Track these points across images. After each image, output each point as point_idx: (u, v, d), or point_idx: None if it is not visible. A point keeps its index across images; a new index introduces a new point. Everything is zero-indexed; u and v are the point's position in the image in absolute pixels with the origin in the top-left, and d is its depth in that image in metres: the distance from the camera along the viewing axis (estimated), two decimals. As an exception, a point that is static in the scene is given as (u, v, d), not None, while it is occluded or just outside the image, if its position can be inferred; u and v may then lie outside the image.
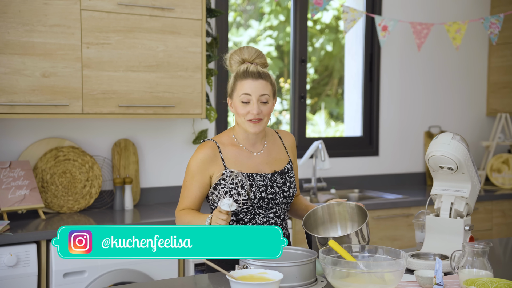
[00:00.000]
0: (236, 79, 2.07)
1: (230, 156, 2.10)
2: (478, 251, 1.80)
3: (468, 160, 2.07)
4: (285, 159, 2.19)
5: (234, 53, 2.09)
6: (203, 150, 2.09)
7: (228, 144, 2.12)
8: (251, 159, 2.12)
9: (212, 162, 2.07)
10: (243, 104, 2.05)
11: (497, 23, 3.93)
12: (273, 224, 2.10)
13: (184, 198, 2.10)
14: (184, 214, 2.08)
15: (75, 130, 3.30)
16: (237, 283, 1.57)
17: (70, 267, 2.68)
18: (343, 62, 4.59)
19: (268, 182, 2.08)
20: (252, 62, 2.08)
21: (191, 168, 2.08)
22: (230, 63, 2.11)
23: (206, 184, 2.09)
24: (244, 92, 2.05)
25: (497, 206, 4.04)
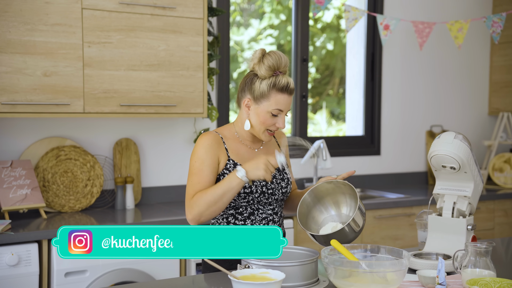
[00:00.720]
0: (273, 89, 2.00)
1: (233, 149, 2.09)
2: (481, 250, 1.80)
3: (470, 159, 2.06)
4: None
5: (269, 56, 2.01)
6: (208, 136, 2.05)
7: (230, 138, 2.11)
8: (252, 154, 2.12)
9: (218, 148, 2.05)
10: (272, 116, 2.03)
11: (499, 22, 3.92)
12: (271, 220, 2.10)
13: (195, 184, 2.00)
14: (200, 193, 1.97)
15: (77, 129, 3.30)
16: (239, 282, 1.57)
17: (71, 266, 2.68)
18: (344, 61, 4.58)
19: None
20: (282, 72, 2.04)
21: (198, 154, 2.02)
22: (260, 65, 2.02)
23: (216, 169, 2.03)
24: (279, 108, 2.02)
25: (499, 205, 4.04)
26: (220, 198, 1.95)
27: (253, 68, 2.05)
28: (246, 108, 2.07)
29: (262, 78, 2.02)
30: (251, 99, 2.04)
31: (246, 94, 2.06)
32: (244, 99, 2.07)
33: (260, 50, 2.04)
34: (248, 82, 2.05)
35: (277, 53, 2.03)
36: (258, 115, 2.03)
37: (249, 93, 2.05)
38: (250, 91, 2.04)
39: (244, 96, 2.07)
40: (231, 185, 1.94)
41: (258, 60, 2.03)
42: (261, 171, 1.90)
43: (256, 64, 2.03)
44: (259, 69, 2.02)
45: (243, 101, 2.07)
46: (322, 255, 1.78)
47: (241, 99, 2.08)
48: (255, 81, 2.03)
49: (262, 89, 2.01)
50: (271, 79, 2.01)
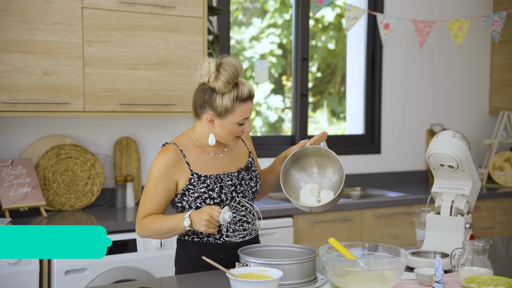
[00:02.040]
0: (236, 101, 1.91)
1: (195, 160, 2.01)
2: (478, 249, 1.80)
3: (468, 158, 2.07)
4: (246, 153, 2.14)
5: (224, 71, 1.89)
6: (166, 155, 1.97)
7: (191, 148, 2.03)
8: (216, 161, 2.05)
9: (177, 167, 1.97)
10: (238, 125, 1.96)
11: (499, 20, 3.92)
12: (245, 221, 2.04)
13: (146, 205, 1.98)
14: (150, 219, 1.96)
15: (77, 128, 3.30)
16: (236, 280, 1.57)
17: (71, 264, 2.69)
18: (345, 60, 4.58)
19: (236, 180, 2.02)
20: (238, 83, 1.94)
21: (154, 174, 1.96)
22: (217, 81, 1.90)
23: (172, 190, 1.98)
24: (245, 117, 1.95)
25: (499, 204, 4.04)
26: (165, 233, 1.96)
27: (209, 81, 1.93)
28: (209, 123, 1.97)
29: (222, 93, 1.92)
30: (214, 115, 1.95)
31: (207, 111, 1.95)
32: (206, 115, 1.96)
33: (213, 64, 1.91)
34: (207, 99, 1.93)
35: (231, 63, 1.90)
36: (225, 128, 1.95)
37: (210, 110, 1.94)
38: (211, 108, 1.94)
39: (205, 112, 1.96)
40: (176, 228, 1.92)
41: (215, 74, 1.90)
42: (203, 227, 1.85)
43: (213, 79, 1.91)
44: (216, 85, 1.91)
45: (205, 117, 1.97)
46: (320, 253, 1.79)
47: (201, 114, 1.98)
48: (214, 97, 1.92)
49: (225, 104, 1.92)
50: (232, 93, 1.91)
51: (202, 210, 1.87)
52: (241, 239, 2.03)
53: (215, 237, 2.01)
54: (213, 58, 1.94)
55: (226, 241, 2.02)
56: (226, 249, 2.01)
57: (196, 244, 2.03)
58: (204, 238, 2.02)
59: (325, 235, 3.38)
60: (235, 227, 2.01)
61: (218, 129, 1.97)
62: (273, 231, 3.20)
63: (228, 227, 1.99)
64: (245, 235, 2.03)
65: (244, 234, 2.03)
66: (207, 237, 2.02)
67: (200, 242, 2.02)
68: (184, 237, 2.07)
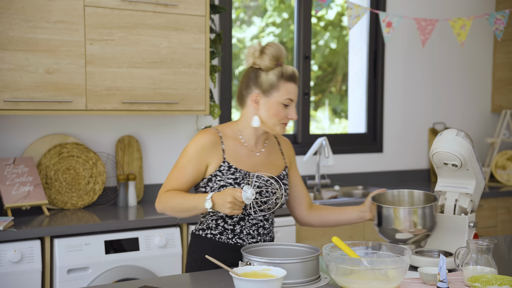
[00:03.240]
0: (281, 78, 1.96)
1: (231, 150, 2.01)
2: (483, 248, 1.80)
3: (472, 156, 2.06)
4: (282, 165, 2.13)
5: (270, 47, 1.96)
6: (205, 136, 1.99)
7: (231, 137, 2.04)
8: (251, 158, 2.05)
9: (212, 150, 1.98)
10: (284, 107, 1.97)
11: (502, 19, 3.91)
12: (261, 227, 2.05)
13: (173, 179, 1.98)
14: (172, 194, 1.95)
15: (79, 126, 3.30)
16: (240, 279, 1.57)
17: (74, 263, 2.69)
18: (347, 59, 4.57)
19: (262, 185, 2.02)
20: (282, 63, 2.00)
21: (188, 151, 1.98)
22: (262, 57, 1.97)
23: (201, 172, 1.99)
24: (290, 97, 1.97)
25: (501, 203, 4.03)
26: (184, 211, 1.95)
27: (254, 62, 1.99)
28: (254, 104, 1.99)
29: (267, 70, 1.97)
30: (260, 93, 1.97)
31: (252, 90, 1.99)
32: (251, 95, 1.99)
33: (257, 44, 1.99)
34: (252, 77, 1.99)
35: (276, 43, 1.99)
36: (270, 108, 1.96)
37: (256, 88, 1.98)
38: (256, 86, 1.97)
39: (251, 92, 1.99)
40: (197, 207, 1.91)
41: (259, 52, 1.97)
42: (227, 209, 1.83)
43: (258, 58, 1.97)
44: (261, 61, 1.97)
45: (250, 97, 1.99)
46: (323, 252, 1.79)
47: (247, 96, 2.01)
48: (260, 74, 1.97)
49: (271, 80, 1.96)
50: (277, 69, 1.96)
51: (224, 192, 1.85)
52: (270, 211, 2.03)
53: (227, 237, 2.02)
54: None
55: (237, 242, 2.02)
56: (236, 250, 2.01)
57: (208, 240, 2.04)
58: (216, 236, 2.03)
59: (327, 234, 3.37)
60: (261, 201, 1.99)
61: (263, 110, 1.98)
62: (276, 229, 3.19)
63: (254, 204, 1.98)
64: (275, 205, 2.03)
65: (273, 204, 2.02)
66: (220, 235, 2.02)
67: (212, 240, 2.03)
68: (198, 232, 2.08)
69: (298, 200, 2.20)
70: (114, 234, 2.82)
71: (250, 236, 2.03)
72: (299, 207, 2.21)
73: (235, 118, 4.11)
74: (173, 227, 2.38)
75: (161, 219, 2.94)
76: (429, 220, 2.00)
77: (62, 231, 2.71)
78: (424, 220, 1.99)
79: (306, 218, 2.22)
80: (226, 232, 2.02)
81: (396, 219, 1.99)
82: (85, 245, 2.73)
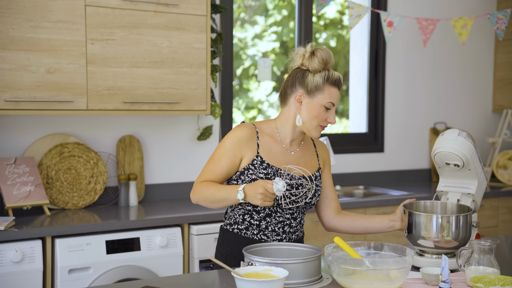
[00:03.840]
0: (326, 82, 2.01)
1: (266, 145, 2.07)
2: (485, 248, 1.79)
3: (474, 156, 2.06)
4: (315, 166, 2.16)
5: (321, 51, 2.03)
6: (243, 129, 2.05)
7: (267, 134, 2.09)
8: (285, 156, 2.09)
9: (248, 144, 2.04)
10: (325, 110, 2.02)
11: (503, 18, 3.91)
12: (287, 225, 2.08)
13: (208, 171, 2.04)
14: (206, 185, 2.01)
15: (80, 126, 3.30)
16: (242, 280, 1.57)
17: (75, 263, 2.69)
18: (347, 58, 4.57)
19: (292, 178, 2.05)
20: (329, 68, 2.05)
21: (225, 143, 2.04)
22: (311, 59, 2.03)
23: (235, 164, 2.04)
24: (332, 101, 2.02)
25: (503, 203, 4.03)
26: (217, 202, 2.00)
27: (302, 63, 2.05)
28: (297, 103, 2.04)
29: (314, 72, 2.02)
30: (304, 93, 2.03)
31: (297, 89, 2.04)
32: (296, 94, 2.04)
33: (309, 46, 2.05)
34: (299, 77, 2.04)
35: (325, 48, 2.05)
36: (312, 109, 2.02)
37: (301, 88, 2.03)
38: (302, 86, 2.03)
39: (295, 91, 2.05)
40: (229, 198, 1.96)
41: (310, 54, 2.03)
42: (258, 200, 1.88)
43: (307, 59, 2.03)
44: (310, 63, 2.02)
45: (294, 96, 2.05)
46: (325, 252, 1.78)
47: (291, 94, 2.06)
48: (307, 75, 2.03)
49: (316, 81, 2.01)
50: (324, 73, 2.02)
51: (256, 183, 1.90)
52: (300, 203, 2.05)
53: (252, 232, 2.06)
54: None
55: (261, 239, 2.05)
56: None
57: (234, 235, 2.08)
58: (242, 231, 2.07)
59: (329, 234, 3.37)
60: (291, 194, 2.03)
61: (305, 110, 2.03)
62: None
63: (285, 196, 2.01)
64: (304, 198, 2.05)
65: (303, 196, 2.05)
66: (246, 230, 2.06)
67: (238, 234, 2.07)
68: (226, 226, 2.12)
69: (326, 201, 2.22)
70: (115, 234, 2.81)
71: (275, 233, 2.06)
72: (326, 209, 2.22)
73: (236, 118, 4.12)
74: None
75: (162, 219, 2.94)
76: (463, 231, 1.96)
77: (63, 231, 2.71)
78: (458, 230, 1.94)
79: (333, 221, 2.22)
80: (252, 227, 2.06)
81: (427, 226, 1.95)
82: (86, 245, 2.73)
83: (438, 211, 2.12)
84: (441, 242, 1.94)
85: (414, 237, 1.99)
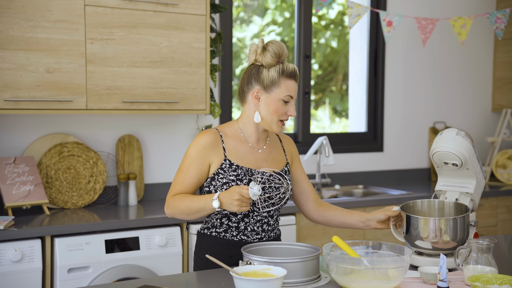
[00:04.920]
0: (282, 75, 1.99)
1: (232, 148, 2.04)
2: (483, 247, 1.80)
3: (473, 156, 2.06)
4: (283, 161, 2.15)
5: (272, 44, 2.00)
6: (205, 136, 2.02)
7: (231, 136, 2.07)
8: (252, 154, 2.07)
9: (213, 149, 2.01)
10: (284, 103, 2.01)
11: (503, 18, 3.91)
12: (265, 223, 2.06)
13: (178, 183, 2.01)
14: (180, 198, 1.98)
15: (79, 126, 3.30)
16: (240, 279, 1.57)
17: (74, 262, 2.69)
18: (347, 58, 4.57)
19: (266, 180, 2.03)
20: (283, 61, 2.03)
21: (190, 153, 2.01)
22: (264, 54, 2.00)
23: (204, 172, 2.01)
24: (289, 94, 2.00)
25: (502, 202, 4.03)
26: (193, 213, 1.97)
27: (256, 59, 2.03)
28: (255, 100, 2.02)
29: (269, 67, 2.00)
30: (261, 89, 2.01)
31: (253, 86, 2.02)
32: (252, 91, 2.02)
33: (260, 41, 2.02)
34: (254, 73, 2.02)
35: (278, 41, 2.02)
36: (270, 104, 2.00)
37: (257, 84, 2.01)
38: (258, 82, 2.01)
39: (252, 88, 2.02)
40: (205, 208, 1.93)
41: (262, 49, 2.01)
42: (235, 207, 1.86)
43: (260, 55, 2.01)
44: (263, 58, 2.00)
45: (251, 93, 2.03)
46: (324, 251, 1.79)
47: (248, 92, 2.04)
48: (261, 70, 2.01)
49: (272, 76, 1.99)
50: (278, 66, 1.99)
51: (230, 190, 1.88)
52: (276, 206, 2.04)
53: (232, 234, 2.03)
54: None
55: (242, 239, 2.03)
56: (241, 247, 2.02)
57: (213, 238, 2.05)
58: (221, 234, 2.04)
59: (327, 233, 3.37)
60: (267, 197, 2.01)
61: (263, 106, 2.01)
62: (276, 229, 3.19)
63: (261, 200, 1.99)
64: (279, 199, 2.03)
65: (277, 199, 2.03)
66: (224, 233, 2.04)
67: (217, 237, 2.05)
68: (203, 231, 2.09)
69: (304, 196, 2.21)
70: (115, 234, 2.82)
71: (254, 233, 2.04)
72: (305, 203, 2.22)
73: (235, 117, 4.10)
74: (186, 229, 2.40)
75: (161, 218, 2.94)
76: (461, 231, 1.96)
77: (63, 230, 2.71)
78: (455, 231, 1.95)
79: (313, 215, 2.22)
80: (231, 229, 2.04)
81: (425, 229, 1.95)
82: (85, 245, 2.73)
83: (435, 210, 2.13)
84: (439, 243, 1.95)
85: (411, 238, 1.99)
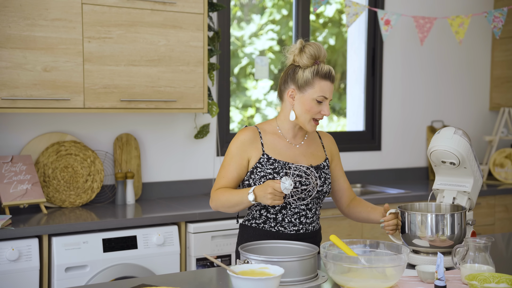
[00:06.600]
0: (316, 76, 2.07)
1: (270, 143, 2.14)
2: (480, 246, 1.80)
3: (470, 154, 2.06)
4: (322, 156, 2.23)
5: (309, 46, 2.08)
6: (244, 133, 2.14)
7: (270, 132, 2.17)
8: (290, 149, 2.16)
9: (252, 145, 2.12)
10: (318, 103, 2.08)
11: (500, 17, 3.91)
12: (303, 216, 2.13)
13: (220, 178, 2.14)
14: (221, 192, 2.11)
15: (77, 124, 3.30)
16: (238, 278, 1.57)
17: (72, 261, 2.69)
18: (345, 57, 4.57)
19: (303, 173, 2.11)
20: (322, 61, 2.10)
21: (231, 149, 2.13)
22: (301, 55, 2.09)
23: (244, 167, 2.12)
24: (323, 94, 2.08)
25: (499, 201, 4.03)
26: (232, 206, 2.09)
27: (294, 60, 2.11)
28: (290, 99, 2.11)
29: (304, 68, 2.08)
30: (295, 89, 2.10)
31: (289, 85, 2.12)
32: (288, 90, 2.12)
33: (299, 42, 2.10)
34: (291, 73, 2.11)
35: (316, 43, 2.10)
36: (303, 103, 2.08)
37: (292, 84, 2.10)
38: (293, 81, 2.10)
39: (288, 88, 2.12)
40: (242, 201, 2.05)
41: (299, 50, 2.09)
42: (268, 200, 1.97)
43: (297, 55, 2.10)
44: (300, 59, 2.08)
45: (286, 92, 2.12)
46: (321, 250, 1.79)
47: (284, 91, 2.14)
48: (297, 71, 2.10)
49: (306, 77, 2.07)
50: (313, 67, 2.08)
51: (264, 184, 1.99)
52: (306, 200, 2.11)
53: (270, 225, 2.12)
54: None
55: (279, 230, 2.12)
56: (278, 237, 2.11)
57: (252, 229, 2.15)
58: (260, 225, 2.14)
59: (325, 232, 3.37)
60: (301, 190, 2.09)
61: (297, 105, 2.10)
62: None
63: (293, 194, 2.08)
64: (309, 195, 2.10)
65: (307, 193, 2.10)
66: (263, 224, 2.13)
67: (257, 228, 2.14)
68: (245, 222, 2.20)
69: (340, 193, 2.33)
70: (112, 232, 2.81)
71: (291, 224, 2.12)
72: (340, 200, 2.34)
73: (233, 116, 4.11)
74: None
75: (159, 217, 2.94)
76: (458, 229, 1.96)
77: (60, 229, 2.71)
78: (453, 229, 1.95)
79: (345, 211, 2.35)
80: (269, 220, 2.13)
81: (422, 226, 1.96)
82: (83, 243, 2.73)
83: (432, 212, 2.13)
84: (436, 241, 1.95)
85: (409, 237, 1.99)
